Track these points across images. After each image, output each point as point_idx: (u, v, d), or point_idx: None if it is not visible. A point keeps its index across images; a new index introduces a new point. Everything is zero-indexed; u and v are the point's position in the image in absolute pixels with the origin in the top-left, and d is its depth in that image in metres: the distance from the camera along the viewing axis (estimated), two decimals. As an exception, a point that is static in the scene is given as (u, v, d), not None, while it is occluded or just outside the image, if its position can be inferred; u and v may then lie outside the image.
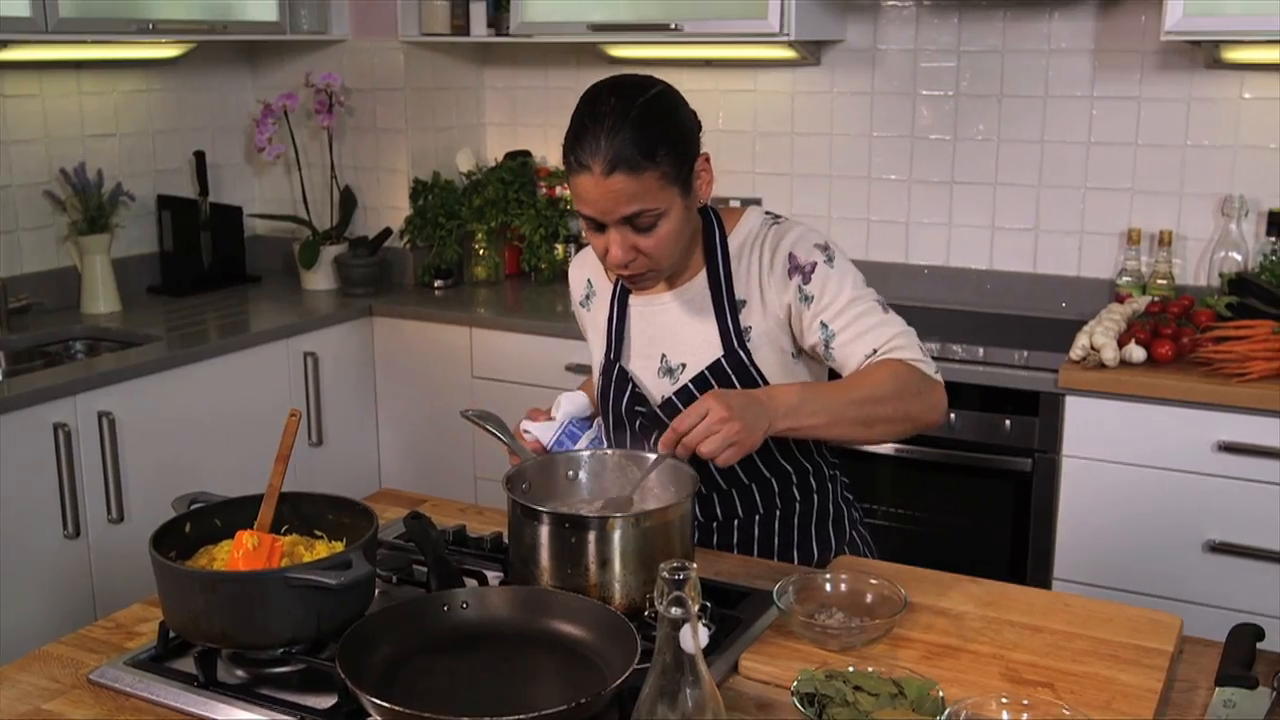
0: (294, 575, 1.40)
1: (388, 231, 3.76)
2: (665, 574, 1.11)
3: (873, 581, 1.59)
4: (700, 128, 1.76)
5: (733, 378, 1.78)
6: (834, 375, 1.84)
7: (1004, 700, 1.33)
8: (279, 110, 3.68)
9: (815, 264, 1.75)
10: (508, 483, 1.60)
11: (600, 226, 1.67)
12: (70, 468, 2.79)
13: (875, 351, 1.71)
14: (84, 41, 3.18)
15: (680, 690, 1.13)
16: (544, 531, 1.52)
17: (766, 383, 1.78)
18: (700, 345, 1.81)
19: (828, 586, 1.62)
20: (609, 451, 1.70)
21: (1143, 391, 2.69)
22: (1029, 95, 3.32)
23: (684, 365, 1.83)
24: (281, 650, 1.45)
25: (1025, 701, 1.33)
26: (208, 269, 3.76)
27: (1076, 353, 2.78)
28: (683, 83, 3.70)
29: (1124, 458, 2.75)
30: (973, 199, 3.44)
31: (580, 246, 3.88)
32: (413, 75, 3.76)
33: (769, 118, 3.64)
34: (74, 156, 3.46)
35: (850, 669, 1.40)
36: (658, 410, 1.83)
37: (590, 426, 1.89)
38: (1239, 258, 3.09)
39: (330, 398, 3.45)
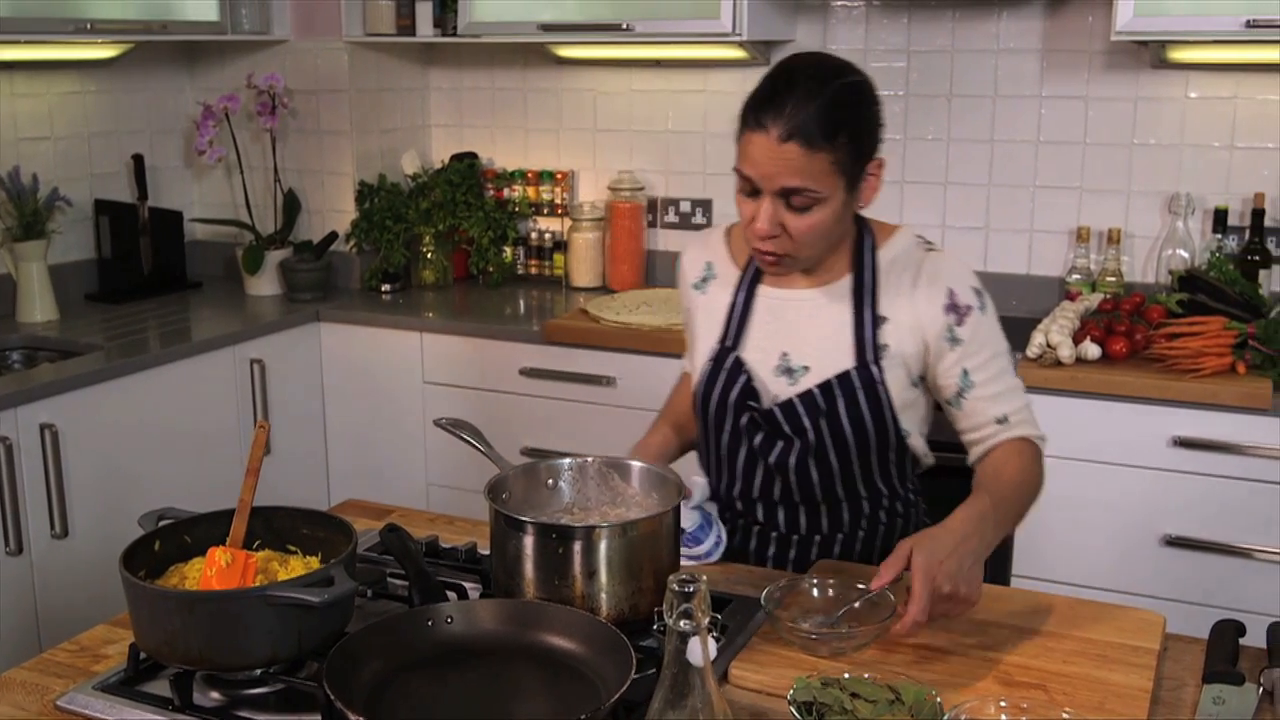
0: (275, 593, 1.36)
1: (333, 235, 3.70)
2: (674, 586, 1.09)
3: (859, 586, 1.58)
4: (882, 130, 1.70)
5: (858, 391, 1.74)
6: (937, 407, 1.85)
7: (1002, 704, 1.33)
8: (220, 112, 3.60)
9: (971, 309, 1.72)
10: (489, 492, 1.56)
11: (753, 193, 1.63)
12: (12, 482, 2.70)
13: (1006, 418, 1.74)
14: (18, 42, 3.09)
15: (689, 703, 1.11)
16: (529, 542, 1.49)
17: (890, 402, 1.74)
18: (830, 351, 1.75)
19: (814, 592, 1.60)
20: (589, 459, 1.67)
21: (1099, 388, 2.72)
22: (978, 95, 3.34)
23: (807, 368, 1.76)
24: (260, 670, 1.41)
25: (1024, 705, 1.33)
26: (147, 275, 3.66)
27: (1033, 350, 2.80)
28: (632, 83, 3.75)
29: (1081, 454, 2.77)
30: (923, 198, 3.46)
31: (530, 251, 3.85)
32: (357, 76, 3.70)
33: (719, 118, 3.62)
34: (7, 161, 3.36)
35: (845, 675, 1.39)
36: (775, 409, 1.76)
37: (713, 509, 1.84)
38: (1186, 255, 3.13)
39: (278, 406, 3.38)
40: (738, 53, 3.44)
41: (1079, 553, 2.80)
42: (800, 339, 1.77)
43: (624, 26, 3.22)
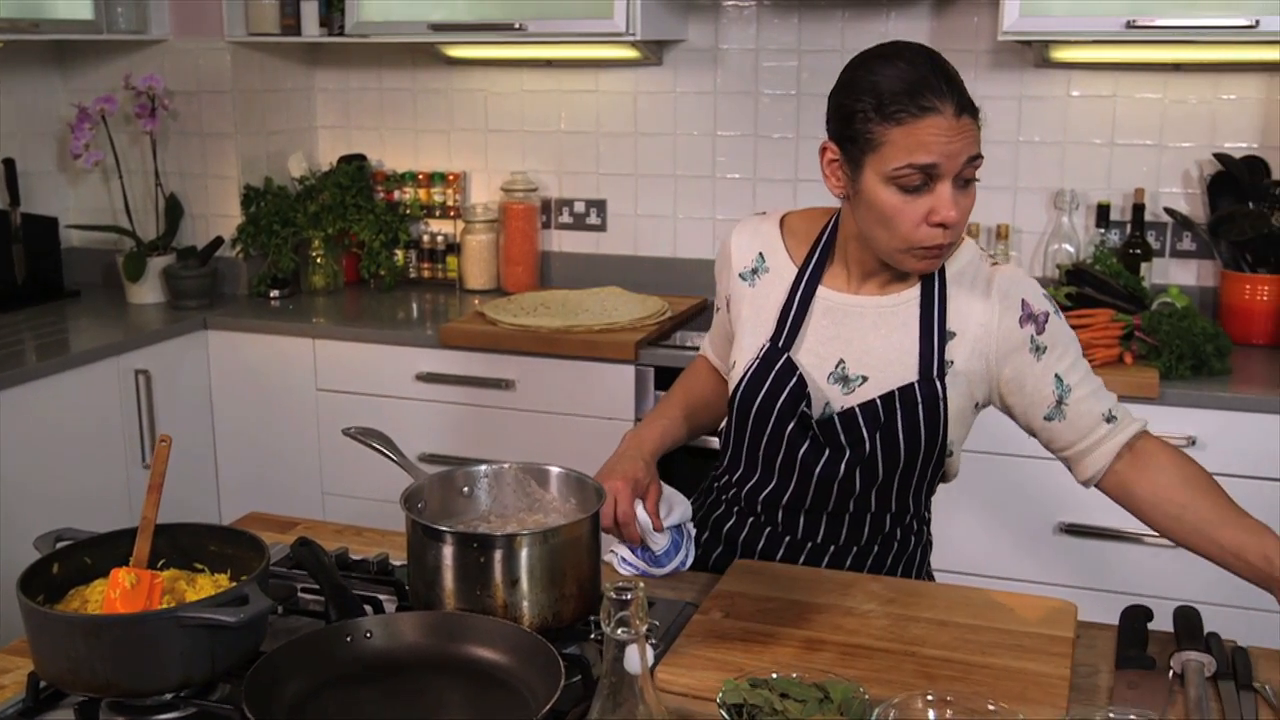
0: (187, 614, 1.30)
1: (219, 241, 3.59)
2: (611, 594, 1.07)
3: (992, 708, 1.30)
4: None
5: (919, 406, 1.67)
6: (1009, 414, 1.78)
7: (929, 698, 1.33)
8: (96, 114, 3.47)
9: (1048, 314, 1.67)
10: (406, 502, 1.53)
11: (918, 188, 1.54)
12: (-117, 505, 2.57)
13: (1112, 414, 1.69)
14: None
15: (628, 711, 1.09)
16: (448, 552, 1.45)
17: (946, 419, 1.69)
18: (892, 362, 1.69)
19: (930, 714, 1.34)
20: (506, 466, 1.64)
21: (994, 381, 2.77)
22: (868, 94, 3.38)
23: (865, 378, 1.70)
24: (171, 695, 1.35)
25: (949, 698, 1.34)
26: (21, 284, 3.52)
27: (929, 346, 2.84)
28: (523, 83, 3.72)
29: (977, 446, 2.80)
30: (817, 196, 3.47)
31: (422, 254, 3.80)
32: (240, 77, 3.60)
33: (612, 118, 3.61)
34: None
35: (774, 676, 1.38)
36: (835, 417, 1.69)
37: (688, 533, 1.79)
38: (1071, 249, 3.22)
39: (165, 417, 3.27)
40: (630, 52, 3.43)
41: (978, 544, 2.85)
42: (861, 347, 1.70)
43: (516, 26, 3.19)
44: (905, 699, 1.33)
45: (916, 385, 1.67)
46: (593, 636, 1.46)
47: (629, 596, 1.07)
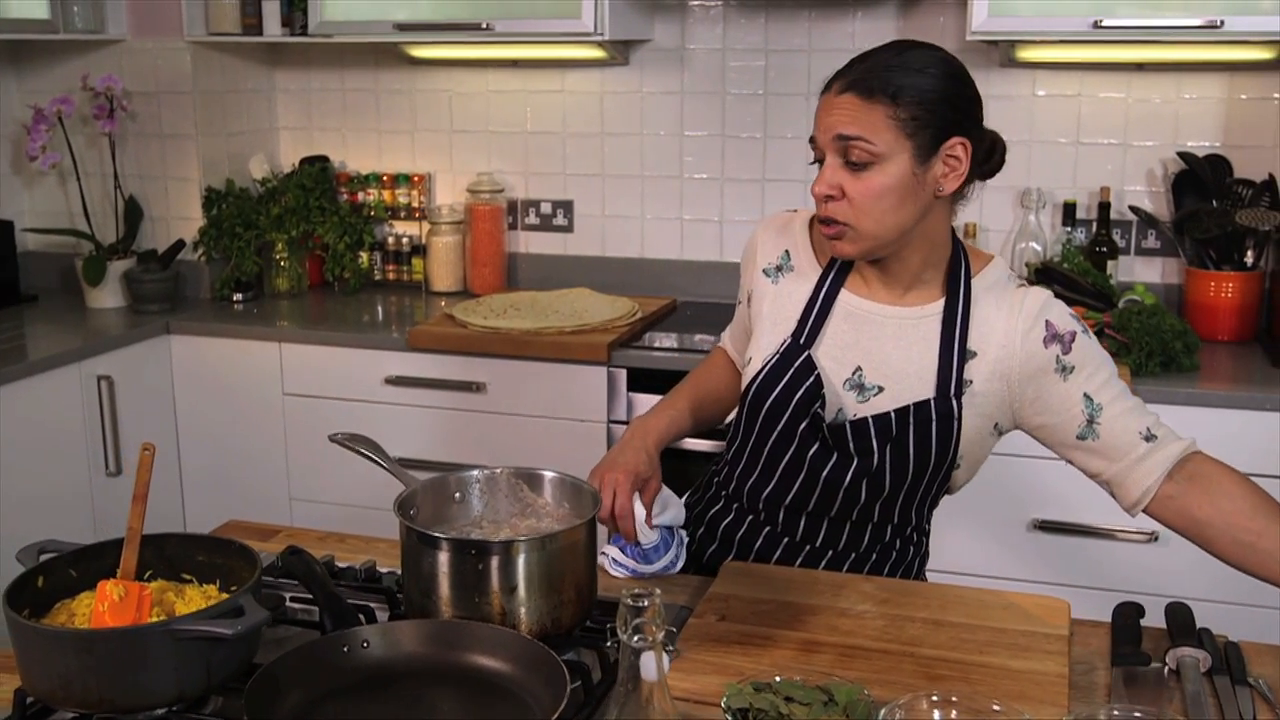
0: (182, 628, 1.28)
1: (180, 244, 3.54)
2: (628, 601, 1.06)
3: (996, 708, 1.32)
4: (976, 111, 1.63)
5: (932, 424, 1.65)
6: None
7: (934, 699, 1.33)
8: (53, 116, 3.40)
9: (1074, 334, 1.64)
10: (400, 508, 1.51)
11: (818, 163, 1.60)
12: None
13: (1151, 432, 1.64)
14: None
15: (643, 719, 1.08)
16: (444, 559, 1.43)
17: (958, 439, 1.67)
18: (910, 375, 1.67)
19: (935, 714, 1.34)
20: (498, 470, 1.62)
21: (967, 379, 2.78)
22: (835, 94, 3.39)
23: (880, 388, 1.68)
24: (164, 710, 1.32)
25: (954, 699, 1.34)
26: (-23, 290, 3.45)
27: (902, 344, 2.85)
28: (488, 83, 3.69)
29: (951, 444, 2.83)
30: (785, 196, 3.49)
31: (387, 256, 3.76)
32: (200, 77, 3.54)
33: (579, 118, 3.60)
34: None
35: (777, 679, 1.38)
36: (847, 424, 1.68)
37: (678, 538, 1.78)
38: (1038, 247, 3.24)
39: (127, 424, 3.22)
40: (597, 52, 3.42)
41: (953, 542, 2.86)
42: (880, 357, 1.69)
43: (483, 26, 3.16)
44: (910, 700, 1.33)
45: (933, 402, 1.65)
46: (608, 644, 1.44)
47: (646, 603, 1.06)
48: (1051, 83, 3.23)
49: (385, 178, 3.76)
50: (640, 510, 1.70)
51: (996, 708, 1.32)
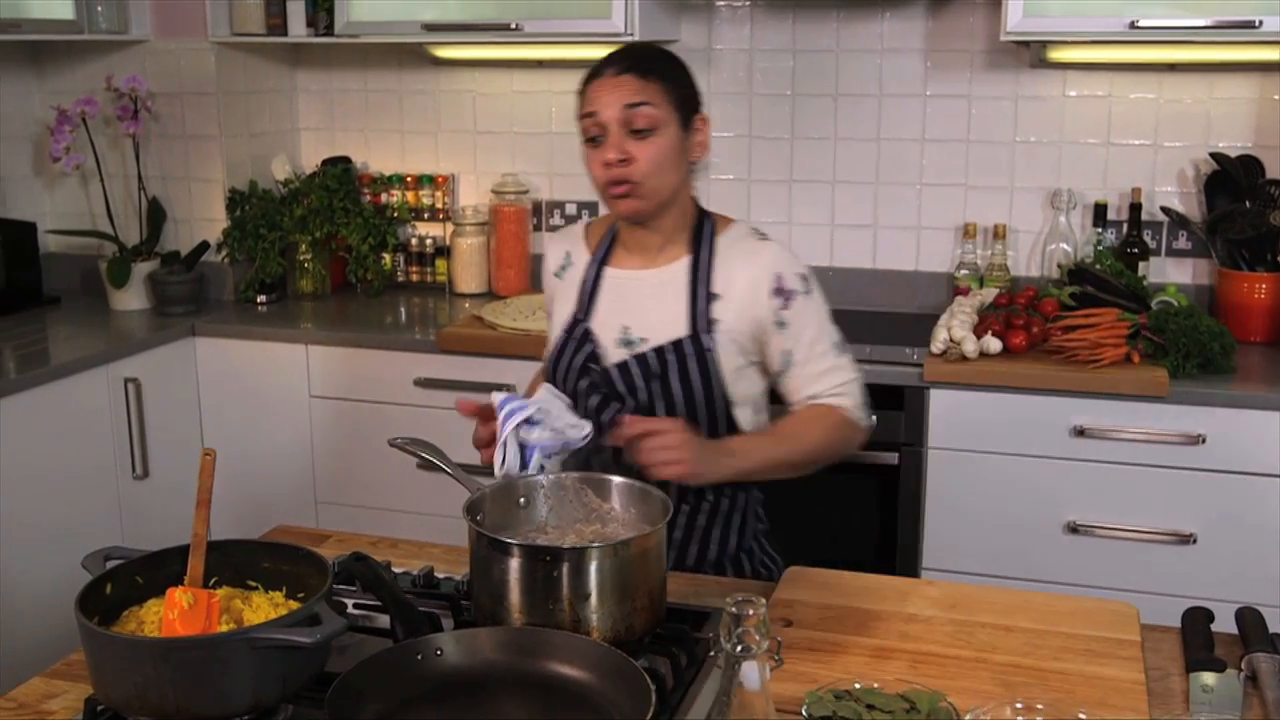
0: (261, 636, 1.26)
1: (205, 245, 3.52)
2: (731, 609, 1.04)
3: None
4: (699, 95, 1.90)
5: (689, 359, 1.85)
6: (773, 394, 1.94)
7: (1019, 705, 1.32)
8: (77, 117, 3.38)
9: (796, 294, 1.85)
10: (469, 513, 1.49)
11: (597, 139, 1.81)
12: (-126, 522, 2.48)
13: (816, 396, 1.86)
14: None
15: (745, 731, 1.06)
16: (515, 565, 1.42)
17: (719, 373, 1.85)
18: (666, 323, 1.87)
19: None
20: (565, 475, 1.61)
21: (1003, 381, 2.77)
22: (864, 94, 3.38)
23: (645, 339, 1.89)
24: (238, 719, 1.31)
25: (1039, 706, 1.32)
26: (0, 292, 3.43)
27: (938, 346, 2.84)
28: (512, 84, 3.68)
29: (986, 446, 2.82)
30: (811, 197, 3.48)
31: (410, 257, 3.74)
32: (225, 78, 3.52)
33: (604, 119, 3.58)
34: None
35: (856, 685, 1.36)
36: (612, 369, 1.88)
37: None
38: (1069, 249, 3.23)
39: (154, 426, 3.19)
40: (624, 53, 3.40)
41: (986, 544, 2.85)
42: (640, 314, 1.90)
43: (512, 26, 3.15)
44: (995, 707, 1.32)
45: (686, 340, 1.86)
46: (710, 654, 1.43)
47: (750, 611, 1.04)
48: (1082, 83, 3.22)
49: (409, 179, 3.74)
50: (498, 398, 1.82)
51: (1082, 716, 1.31)
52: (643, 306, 1.90)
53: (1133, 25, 2.78)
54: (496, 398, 1.77)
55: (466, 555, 1.82)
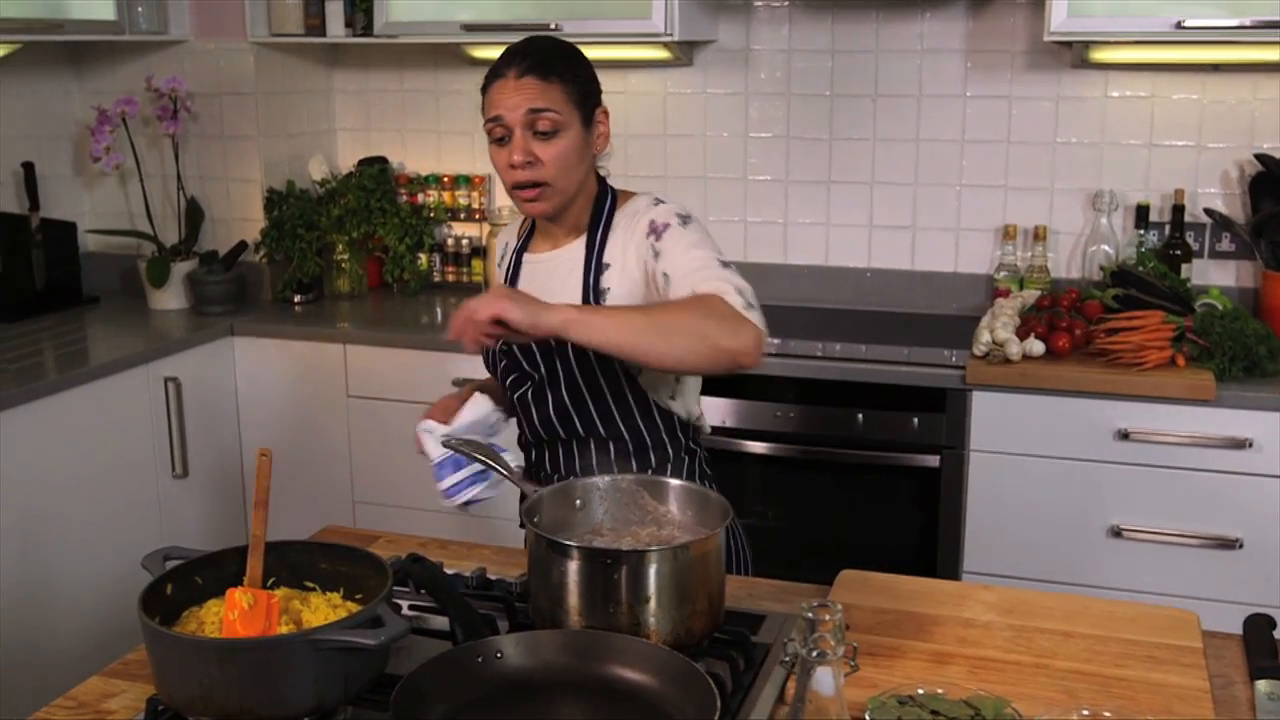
0: (324, 638, 1.26)
1: (243, 245, 3.53)
2: (806, 615, 1.04)
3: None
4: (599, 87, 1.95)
5: None
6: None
7: (1085, 713, 1.31)
8: (117, 117, 3.39)
9: (669, 225, 1.85)
10: (527, 515, 1.49)
11: (502, 139, 1.83)
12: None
13: (693, 292, 1.79)
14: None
15: (818, 738, 1.06)
16: (574, 568, 1.41)
17: None
18: (564, 300, 1.87)
19: None
20: (621, 478, 1.60)
21: (1046, 384, 2.75)
22: (903, 95, 3.37)
23: None
24: (300, 720, 1.31)
25: (1106, 714, 1.31)
26: (40, 291, 3.44)
27: (980, 348, 2.82)
28: (550, 84, 3.63)
29: (1029, 449, 2.80)
30: (850, 198, 3.46)
31: (446, 257, 3.74)
32: (264, 78, 3.53)
33: (641, 120, 3.58)
34: (-115, 171, 3.12)
35: (919, 691, 1.35)
36: (514, 348, 1.93)
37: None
38: (1110, 250, 3.21)
39: (194, 426, 3.21)
40: (661, 53, 3.40)
41: (1028, 547, 2.83)
42: (548, 296, 1.87)
43: (552, 27, 3.14)
44: (1061, 715, 1.31)
45: None
46: (783, 660, 1.42)
47: (826, 617, 1.04)
48: (1124, 84, 3.20)
49: (445, 179, 3.75)
50: (434, 426, 1.84)
51: (1150, 722, 1.30)
52: (549, 288, 1.92)
53: (1179, 25, 2.76)
54: (426, 440, 1.80)
55: (518, 556, 1.84)
